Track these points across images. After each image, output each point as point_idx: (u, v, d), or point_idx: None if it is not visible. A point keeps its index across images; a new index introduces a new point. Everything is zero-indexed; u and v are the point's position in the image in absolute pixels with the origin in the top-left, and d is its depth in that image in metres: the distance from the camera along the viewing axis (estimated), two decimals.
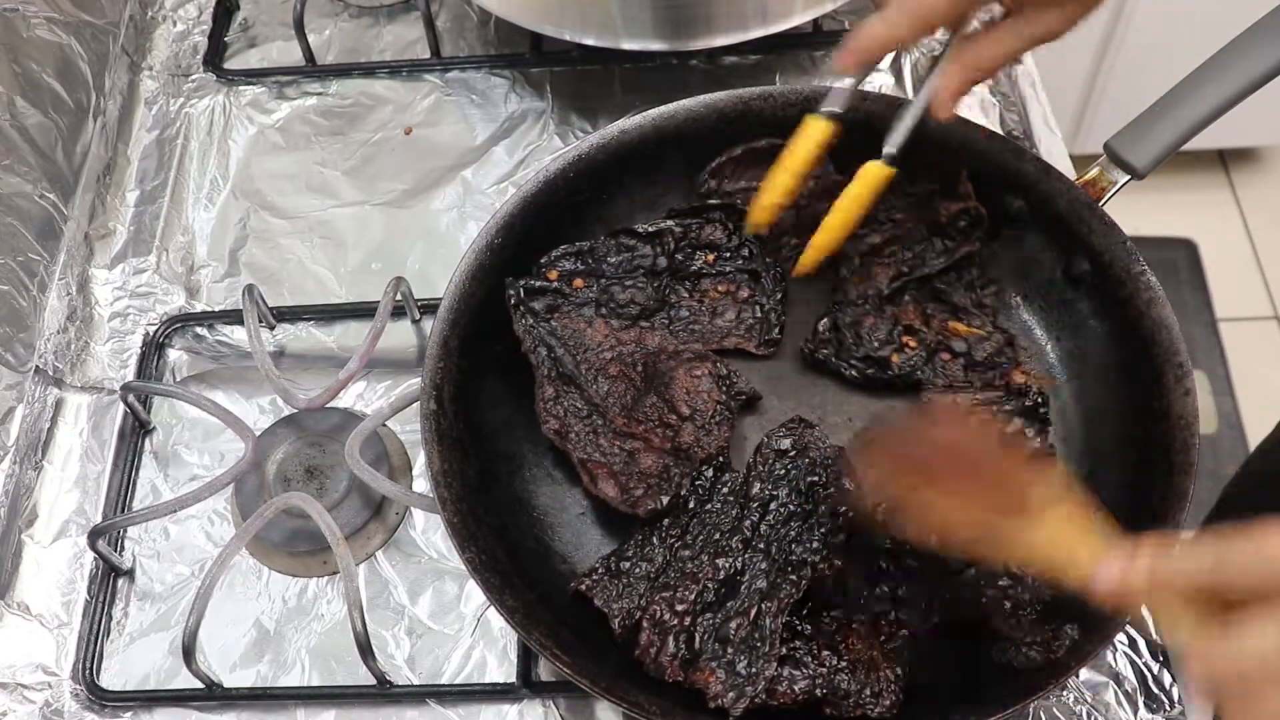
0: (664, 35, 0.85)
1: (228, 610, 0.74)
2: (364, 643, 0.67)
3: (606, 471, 0.69)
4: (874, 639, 0.63)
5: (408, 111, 0.96)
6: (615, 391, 0.73)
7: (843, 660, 0.62)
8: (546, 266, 0.75)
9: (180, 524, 0.77)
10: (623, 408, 0.72)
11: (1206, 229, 1.99)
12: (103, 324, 0.87)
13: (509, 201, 0.75)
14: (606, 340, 0.75)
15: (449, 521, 0.64)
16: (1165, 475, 0.64)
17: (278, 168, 0.94)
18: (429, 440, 0.67)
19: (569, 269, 0.75)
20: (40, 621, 0.74)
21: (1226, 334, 1.89)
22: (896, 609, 0.63)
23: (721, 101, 0.77)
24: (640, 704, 0.59)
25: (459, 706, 0.70)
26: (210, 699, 0.71)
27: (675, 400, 0.72)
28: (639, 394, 0.73)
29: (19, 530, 0.77)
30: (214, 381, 0.83)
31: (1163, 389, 0.67)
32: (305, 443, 0.78)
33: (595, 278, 0.76)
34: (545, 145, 0.93)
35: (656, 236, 0.76)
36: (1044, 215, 0.74)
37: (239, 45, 1.02)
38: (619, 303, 0.75)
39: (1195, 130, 0.71)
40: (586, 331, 0.74)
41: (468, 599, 0.73)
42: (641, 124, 0.77)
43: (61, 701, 0.72)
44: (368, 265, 0.88)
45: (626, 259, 0.76)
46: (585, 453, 0.70)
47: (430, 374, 0.69)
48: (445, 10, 1.01)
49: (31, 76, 0.87)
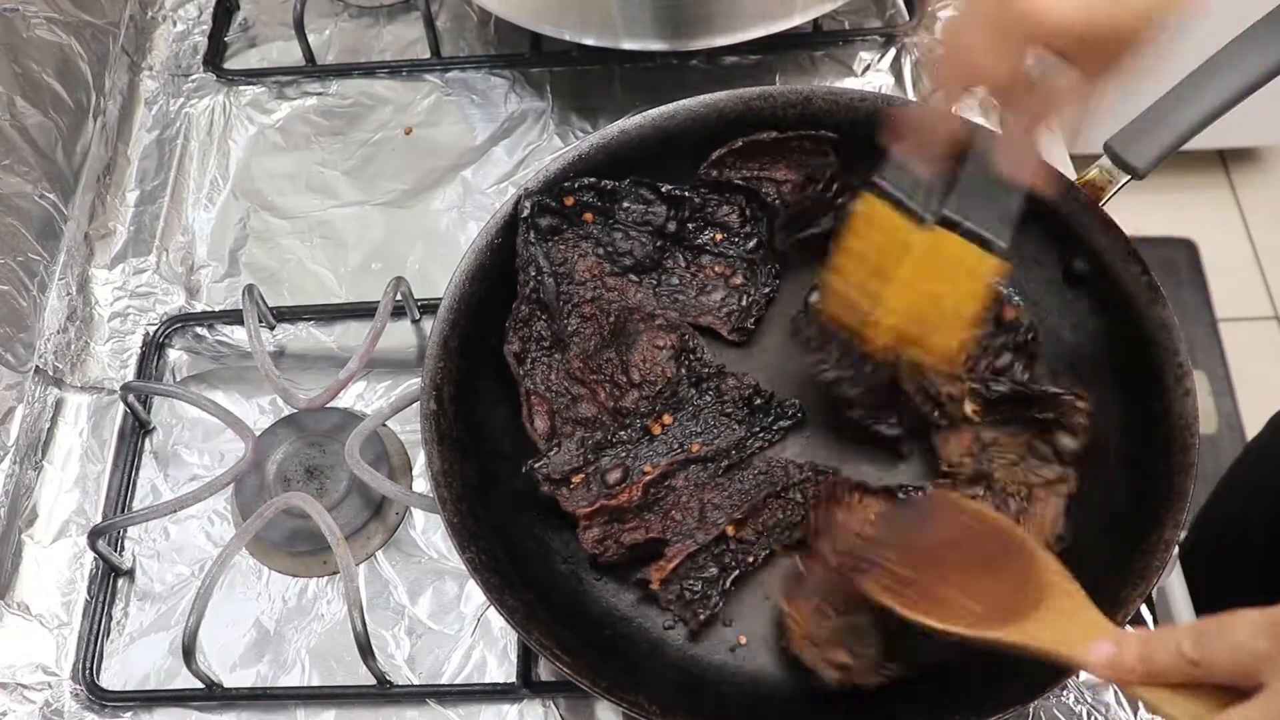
0: (664, 35, 0.85)
1: (228, 610, 0.74)
2: (364, 643, 0.67)
3: (546, 409, 0.71)
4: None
5: (408, 111, 0.96)
6: (582, 333, 0.74)
7: None
8: (566, 193, 0.75)
9: (180, 524, 0.77)
10: (582, 351, 0.74)
11: (1206, 229, 1.99)
12: (103, 324, 0.87)
13: (509, 201, 0.75)
14: (593, 280, 0.76)
15: (449, 521, 0.64)
16: (1165, 475, 0.64)
17: (278, 168, 0.94)
18: (429, 440, 0.67)
19: (585, 201, 0.76)
20: (40, 621, 0.74)
21: (1226, 334, 1.89)
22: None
23: (721, 101, 0.77)
24: (640, 704, 0.59)
25: (459, 706, 0.70)
26: (210, 699, 0.71)
27: (630, 364, 0.73)
28: (602, 344, 0.74)
29: (19, 530, 0.77)
30: (214, 381, 0.83)
31: (1163, 389, 0.66)
32: (305, 443, 0.78)
33: (606, 217, 0.76)
34: (545, 145, 0.93)
35: (675, 201, 0.77)
36: (1044, 215, 0.74)
37: (239, 45, 1.02)
38: (618, 250, 0.76)
39: (1195, 130, 0.71)
40: (578, 264, 0.76)
41: (468, 599, 0.73)
42: (641, 124, 0.77)
43: (61, 701, 0.72)
44: (368, 265, 0.88)
45: (640, 210, 0.77)
46: (533, 383, 0.72)
47: (430, 374, 0.69)
48: (445, 10, 1.01)
49: (31, 76, 0.87)
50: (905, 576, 0.56)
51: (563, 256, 0.75)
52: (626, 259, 0.76)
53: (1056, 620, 0.51)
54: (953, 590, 0.54)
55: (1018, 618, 0.52)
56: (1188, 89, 0.71)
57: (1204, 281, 1.94)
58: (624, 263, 0.76)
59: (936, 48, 0.57)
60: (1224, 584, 0.96)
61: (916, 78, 0.93)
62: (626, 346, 0.73)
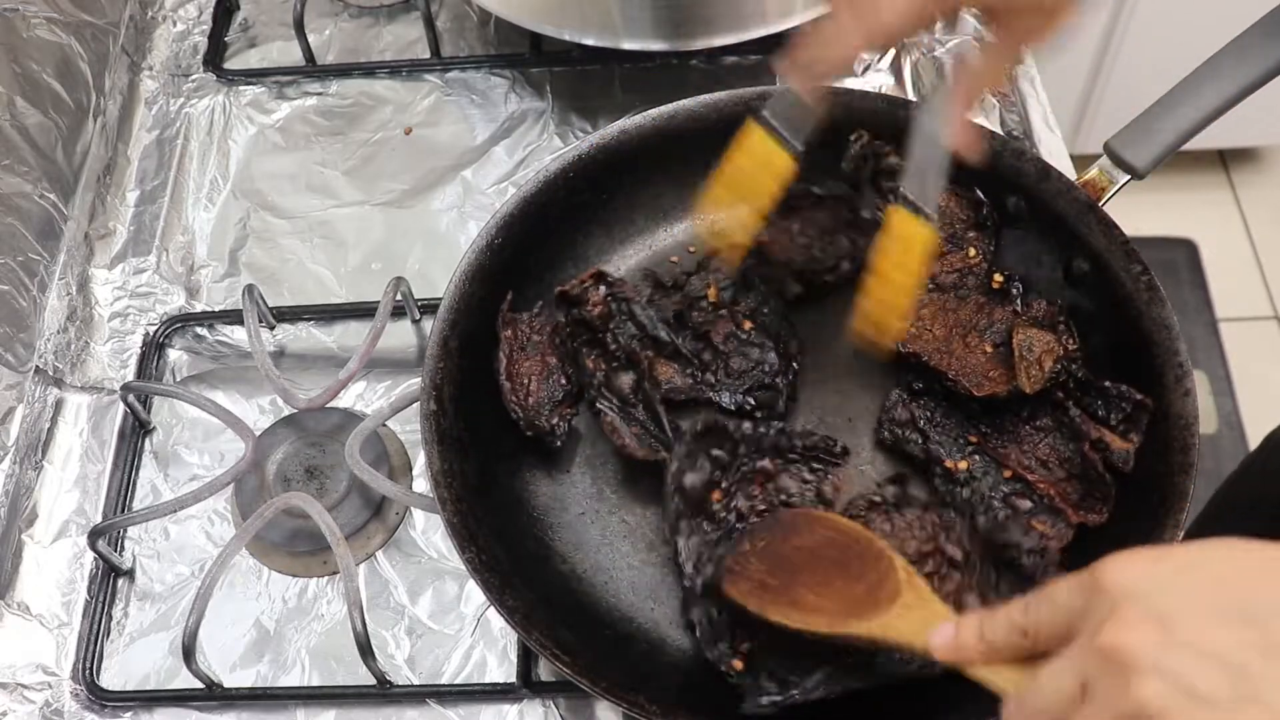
0: (664, 35, 0.85)
1: (228, 610, 0.74)
2: (364, 643, 0.67)
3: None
4: None
5: (408, 111, 0.96)
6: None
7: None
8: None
9: (180, 524, 0.77)
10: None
11: (1206, 229, 1.99)
12: (103, 324, 0.87)
13: (509, 201, 0.75)
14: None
15: (449, 521, 0.64)
16: (1165, 475, 0.64)
17: (278, 168, 0.94)
18: (429, 440, 0.67)
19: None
20: (40, 621, 0.74)
21: (1226, 334, 1.89)
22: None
23: (721, 101, 0.77)
24: (640, 704, 0.59)
25: (459, 706, 0.70)
26: (210, 699, 0.71)
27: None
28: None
29: (19, 530, 0.77)
30: (214, 381, 0.83)
31: (1163, 389, 0.66)
32: (305, 443, 0.78)
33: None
34: (545, 145, 0.93)
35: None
36: (1044, 215, 0.74)
37: (239, 45, 1.02)
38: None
39: (1195, 130, 0.71)
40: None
41: (468, 599, 0.73)
42: (641, 124, 0.77)
43: (61, 701, 0.72)
44: (368, 265, 0.88)
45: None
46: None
47: (430, 374, 0.69)
48: (445, 10, 1.01)
49: (31, 76, 0.87)
50: (770, 584, 0.61)
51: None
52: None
53: (906, 614, 0.55)
54: (812, 593, 0.59)
55: (874, 614, 0.56)
56: (1188, 89, 0.71)
57: (1204, 281, 1.94)
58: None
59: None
60: None
61: (916, 77, 0.92)
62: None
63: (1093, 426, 0.67)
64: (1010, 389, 0.68)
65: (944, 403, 0.71)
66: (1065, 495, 0.67)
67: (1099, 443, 0.67)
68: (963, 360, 0.71)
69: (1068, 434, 0.68)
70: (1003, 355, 0.70)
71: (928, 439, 0.70)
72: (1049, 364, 0.68)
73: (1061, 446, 0.69)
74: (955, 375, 0.70)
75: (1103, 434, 0.67)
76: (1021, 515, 0.67)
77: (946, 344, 0.71)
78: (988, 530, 0.66)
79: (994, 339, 0.72)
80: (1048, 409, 0.69)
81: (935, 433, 0.70)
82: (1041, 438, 0.69)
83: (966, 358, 0.71)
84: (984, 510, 0.68)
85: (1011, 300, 0.73)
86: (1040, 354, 0.69)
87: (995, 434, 0.70)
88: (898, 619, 0.55)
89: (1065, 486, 0.68)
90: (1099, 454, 0.67)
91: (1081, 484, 0.67)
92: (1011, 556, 0.66)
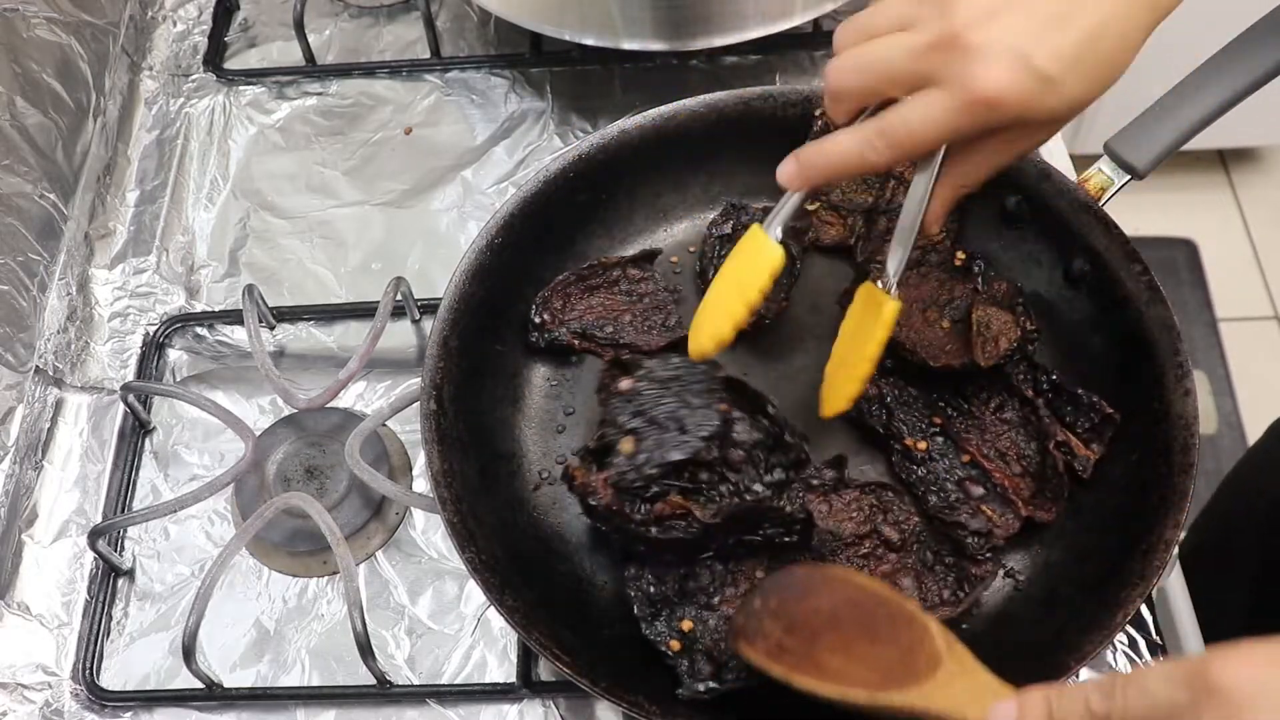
0: (664, 35, 0.85)
1: (228, 610, 0.74)
2: (364, 643, 0.67)
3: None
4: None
5: (408, 111, 0.96)
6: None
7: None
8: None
9: (180, 524, 0.77)
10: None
11: (1206, 229, 1.99)
12: (103, 324, 0.87)
13: (509, 201, 0.75)
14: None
15: (449, 521, 0.64)
16: (1165, 475, 0.64)
17: (278, 168, 0.94)
18: (429, 440, 0.67)
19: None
20: (40, 621, 0.74)
21: (1226, 334, 1.89)
22: None
23: (722, 101, 0.77)
24: (640, 704, 0.59)
25: (459, 706, 0.70)
26: (210, 699, 0.71)
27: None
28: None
29: (19, 530, 0.77)
30: (214, 381, 0.83)
31: (1163, 389, 0.67)
32: (305, 443, 0.78)
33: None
34: (545, 145, 0.93)
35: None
36: (1044, 215, 0.74)
37: (239, 45, 1.02)
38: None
39: (1195, 130, 0.71)
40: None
41: (468, 599, 0.73)
42: (641, 124, 0.77)
43: (61, 701, 0.72)
44: (368, 265, 0.88)
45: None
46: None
47: (430, 374, 0.69)
48: (445, 10, 1.01)
49: (31, 76, 0.87)
50: (788, 645, 0.57)
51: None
52: None
53: (952, 683, 0.51)
54: (837, 657, 0.55)
55: (914, 683, 0.52)
56: (1188, 89, 0.71)
57: (1204, 281, 1.94)
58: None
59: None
60: (1224, 584, 0.96)
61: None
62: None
63: (1059, 429, 0.69)
64: (965, 362, 0.70)
65: (914, 384, 0.72)
66: (1018, 490, 0.68)
67: (1063, 445, 0.68)
68: (921, 333, 0.72)
69: (1032, 432, 0.70)
70: (960, 330, 0.72)
71: (892, 415, 0.71)
72: (1004, 343, 0.69)
73: (1023, 444, 0.70)
74: (912, 346, 0.71)
75: (1069, 437, 0.69)
76: (973, 500, 0.68)
77: (906, 318, 0.73)
78: (937, 509, 0.67)
79: (953, 315, 0.73)
80: (1016, 404, 0.70)
81: (901, 410, 0.71)
82: (1005, 430, 0.70)
83: (925, 331, 0.73)
84: (936, 490, 0.68)
85: (972, 278, 0.74)
86: (997, 332, 0.70)
87: (960, 419, 0.71)
88: (941, 689, 0.51)
89: (1019, 481, 0.69)
90: (1062, 455, 0.68)
91: (1035, 482, 0.69)
92: (957, 536, 0.66)
